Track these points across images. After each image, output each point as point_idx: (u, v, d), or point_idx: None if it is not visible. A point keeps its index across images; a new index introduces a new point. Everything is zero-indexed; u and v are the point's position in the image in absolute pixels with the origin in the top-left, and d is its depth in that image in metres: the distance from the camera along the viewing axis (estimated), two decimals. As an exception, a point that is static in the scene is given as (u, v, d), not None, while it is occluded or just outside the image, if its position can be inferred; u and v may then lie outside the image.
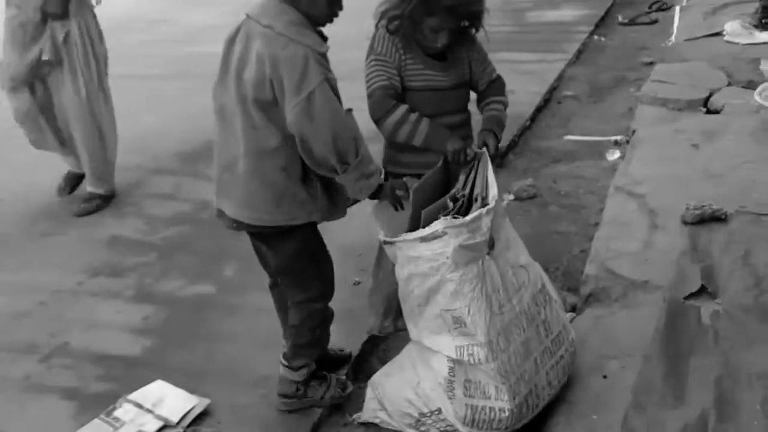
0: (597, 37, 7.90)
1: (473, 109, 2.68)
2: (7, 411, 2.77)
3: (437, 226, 2.18)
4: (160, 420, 2.61)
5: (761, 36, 6.08)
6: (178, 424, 2.60)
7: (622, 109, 5.63)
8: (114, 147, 4.38)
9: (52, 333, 3.20)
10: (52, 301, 3.46)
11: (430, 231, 2.20)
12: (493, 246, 2.27)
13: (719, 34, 6.38)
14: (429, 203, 2.32)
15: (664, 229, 3.40)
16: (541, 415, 2.41)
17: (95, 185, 4.35)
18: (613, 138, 5.03)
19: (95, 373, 2.95)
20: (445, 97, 2.56)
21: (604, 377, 2.55)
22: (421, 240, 2.23)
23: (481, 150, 2.45)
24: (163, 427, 2.59)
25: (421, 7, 2.38)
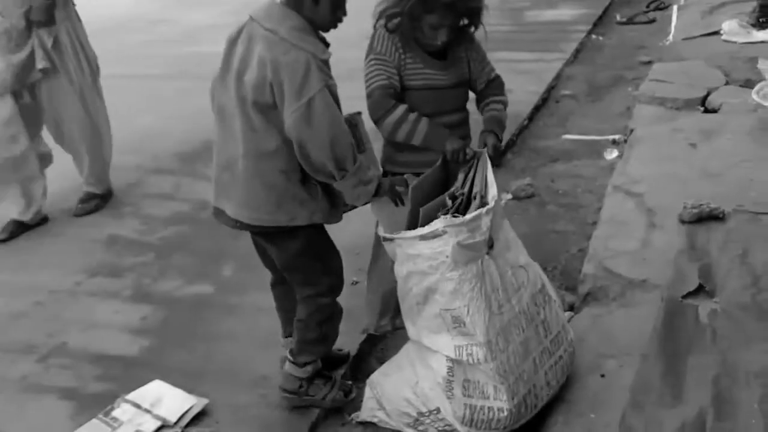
0: (595, 36, 7.91)
1: (472, 108, 2.68)
2: (5, 411, 2.77)
3: (437, 224, 2.18)
4: (158, 420, 2.60)
5: (759, 35, 6.08)
6: (176, 424, 2.60)
7: (620, 108, 5.64)
8: (109, 146, 4.38)
9: (50, 333, 3.20)
10: (50, 301, 3.46)
11: (429, 229, 2.20)
12: (493, 246, 2.27)
13: (717, 33, 6.38)
14: (428, 201, 2.32)
15: (661, 228, 3.40)
16: (539, 414, 2.41)
17: (93, 185, 4.35)
18: (611, 137, 5.04)
19: (93, 373, 2.95)
20: (445, 95, 2.56)
21: (602, 376, 2.55)
22: (420, 238, 2.23)
23: (480, 149, 2.45)
24: (161, 426, 2.59)
25: (420, 4, 2.38)
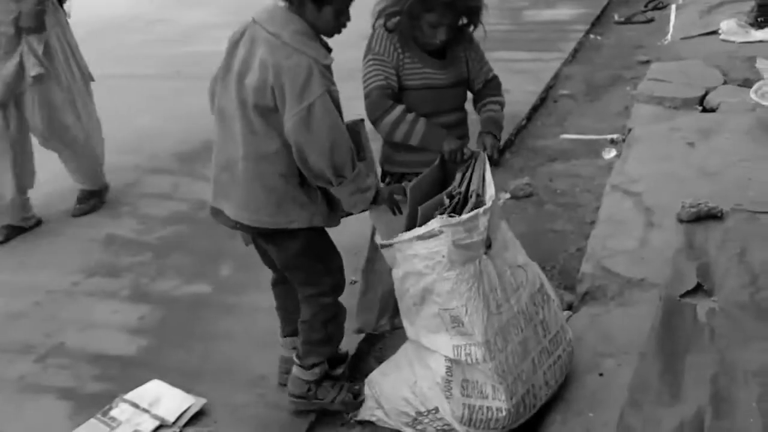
0: (593, 35, 7.91)
1: (470, 108, 2.68)
2: (3, 411, 2.76)
3: (433, 224, 2.18)
4: (157, 420, 2.60)
5: (757, 34, 6.08)
6: (174, 423, 2.60)
7: (618, 107, 5.64)
8: (102, 147, 4.37)
9: (47, 333, 3.20)
10: (48, 301, 3.46)
11: (426, 229, 2.20)
12: (491, 246, 2.27)
13: (715, 32, 6.38)
14: (426, 201, 2.31)
15: (660, 227, 3.40)
16: (537, 413, 2.41)
17: (89, 183, 4.34)
18: (609, 136, 5.04)
19: (91, 372, 2.94)
20: (443, 95, 2.56)
21: (601, 375, 2.55)
22: (417, 238, 2.22)
23: (477, 149, 2.45)
24: (160, 426, 2.59)
25: (420, 3, 2.38)
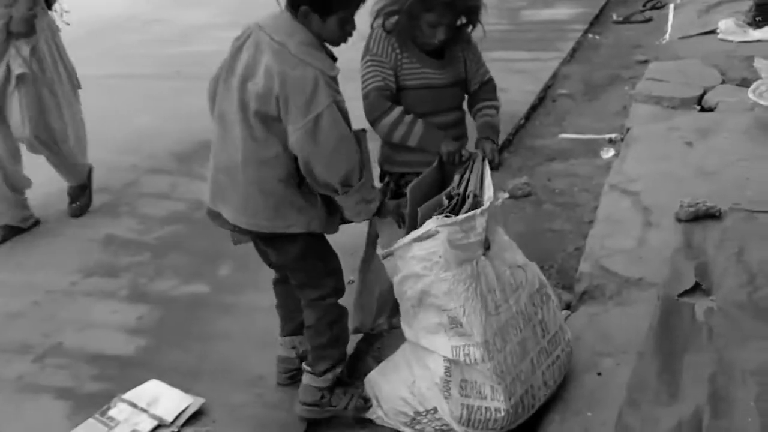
0: (591, 35, 7.91)
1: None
2: (1, 411, 2.76)
3: (430, 224, 2.18)
4: (155, 419, 2.60)
5: (755, 34, 6.08)
6: (172, 423, 2.59)
7: (617, 107, 5.64)
8: (86, 148, 4.33)
9: (46, 333, 3.19)
10: (46, 301, 3.45)
11: (423, 230, 2.20)
12: (489, 247, 2.27)
13: (713, 32, 6.37)
14: (425, 201, 2.31)
15: (658, 227, 3.40)
16: (536, 412, 2.41)
17: (75, 179, 4.31)
18: (608, 136, 5.04)
19: (90, 372, 2.94)
20: (441, 95, 2.56)
21: (599, 374, 2.55)
22: (415, 241, 2.22)
23: (475, 151, 2.45)
24: (158, 426, 2.59)
25: (419, 2, 2.37)
